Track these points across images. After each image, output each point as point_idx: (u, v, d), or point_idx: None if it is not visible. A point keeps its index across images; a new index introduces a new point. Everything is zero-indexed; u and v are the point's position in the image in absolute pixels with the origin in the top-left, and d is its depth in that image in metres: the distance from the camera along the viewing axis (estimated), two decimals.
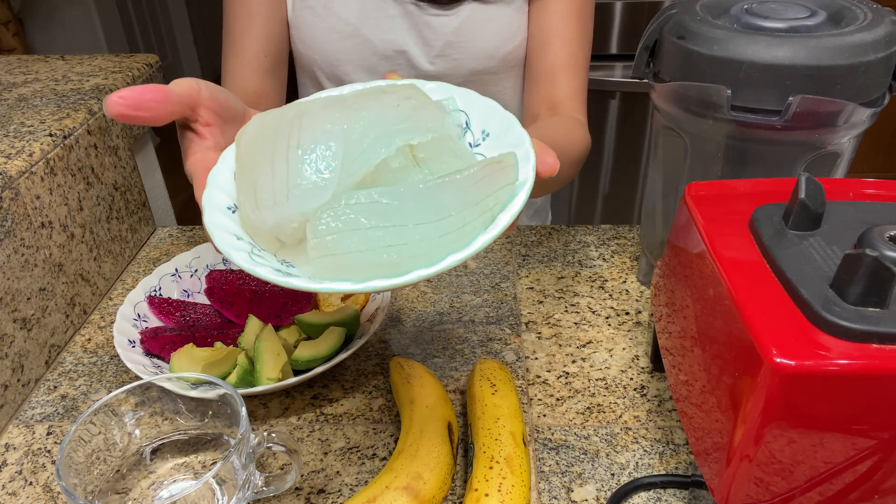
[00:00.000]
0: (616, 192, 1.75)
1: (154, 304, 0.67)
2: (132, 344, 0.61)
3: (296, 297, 0.68)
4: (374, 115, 0.37)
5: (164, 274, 0.69)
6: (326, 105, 0.38)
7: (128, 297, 0.65)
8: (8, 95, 0.78)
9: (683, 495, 0.52)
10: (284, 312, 0.67)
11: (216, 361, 0.59)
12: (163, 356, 0.62)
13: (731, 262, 0.42)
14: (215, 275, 0.71)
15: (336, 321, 0.63)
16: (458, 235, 0.34)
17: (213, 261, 0.72)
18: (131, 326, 0.63)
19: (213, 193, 0.38)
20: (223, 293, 0.68)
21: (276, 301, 0.68)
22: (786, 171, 0.57)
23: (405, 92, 0.39)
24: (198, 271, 0.71)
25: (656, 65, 0.62)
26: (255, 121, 0.39)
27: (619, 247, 0.80)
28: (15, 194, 0.62)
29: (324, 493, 0.52)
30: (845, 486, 0.39)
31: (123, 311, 0.64)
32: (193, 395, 0.51)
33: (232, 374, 0.59)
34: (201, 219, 0.38)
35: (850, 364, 0.35)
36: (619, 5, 1.51)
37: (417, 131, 0.36)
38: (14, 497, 0.53)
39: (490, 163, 0.36)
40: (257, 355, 0.59)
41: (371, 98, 0.38)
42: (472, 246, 0.34)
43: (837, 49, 0.52)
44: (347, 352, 0.60)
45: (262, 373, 0.58)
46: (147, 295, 0.67)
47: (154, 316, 0.67)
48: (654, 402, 0.60)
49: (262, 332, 0.61)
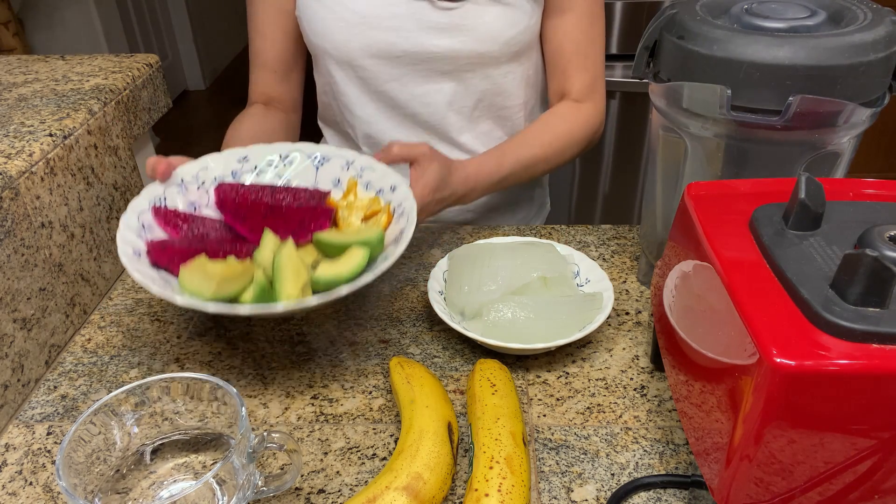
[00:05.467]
0: (616, 192, 1.74)
1: (159, 215, 0.62)
2: (137, 254, 0.57)
3: (315, 213, 0.64)
4: (527, 257, 0.67)
5: (169, 184, 0.65)
6: (505, 249, 0.68)
7: (131, 204, 0.61)
8: (8, 95, 0.78)
9: (683, 495, 0.52)
10: (302, 230, 0.63)
11: (231, 277, 0.54)
12: (171, 269, 0.57)
13: (731, 262, 0.42)
14: (225, 188, 0.66)
15: (359, 241, 0.59)
16: (562, 329, 0.62)
17: (222, 173, 0.68)
18: (136, 237, 0.59)
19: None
20: (235, 206, 0.64)
21: (293, 217, 0.63)
22: (786, 171, 0.57)
23: (546, 248, 0.69)
24: (205, 184, 0.66)
25: (656, 65, 0.62)
26: (463, 248, 0.70)
27: (619, 247, 0.80)
28: (15, 194, 0.62)
29: (324, 493, 0.52)
30: (845, 486, 0.39)
31: (127, 220, 0.60)
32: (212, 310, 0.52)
33: (248, 291, 0.55)
34: None
35: (850, 364, 0.35)
36: (619, 5, 1.51)
37: (550, 270, 0.66)
38: (14, 497, 0.53)
39: (587, 296, 0.64)
40: (276, 271, 0.55)
41: (528, 249, 0.69)
42: (568, 338, 0.61)
43: (837, 49, 0.52)
44: (372, 274, 0.55)
45: (281, 290, 0.54)
46: (152, 205, 0.62)
47: (159, 227, 0.62)
48: (654, 402, 0.60)
49: (283, 246, 0.57)
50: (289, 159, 0.70)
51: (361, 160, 0.69)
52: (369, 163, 0.69)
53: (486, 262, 0.67)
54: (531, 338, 0.61)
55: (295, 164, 0.70)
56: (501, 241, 0.72)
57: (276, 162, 0.70)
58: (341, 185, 0.69)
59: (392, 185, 0.66)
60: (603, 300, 0.64)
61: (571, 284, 0.67)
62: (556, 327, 0.62)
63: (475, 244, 0.71)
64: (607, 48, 1.56)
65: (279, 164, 0.70)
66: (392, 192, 0.66)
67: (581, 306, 0.63)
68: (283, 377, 0.63)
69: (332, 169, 0.70)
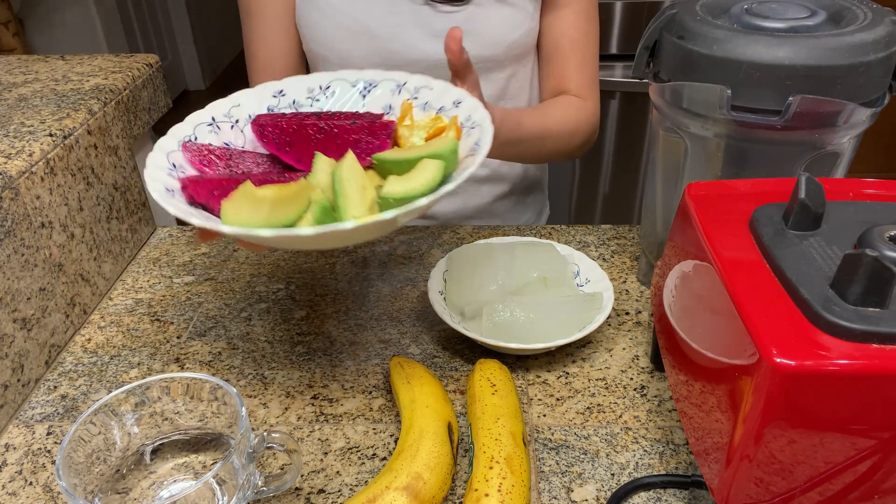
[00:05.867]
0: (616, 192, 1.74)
1: (191, 151, 0.54)
2: (171, 192, 0.50)
3: (372, 131, 0.56)
4: (527, 257, 0.67)
5: (199, 122, 0.57)
6: (505, 249, 0.67)
7: (158, 143, 0.53)
8: (8, 95, 0.78)
9: (683, 495, 0.52)
10: (358, 151, 0.55)
11: (284, 200, 0.47)
12: (211, 205, 0.50)
13: (731, 262, 0.42)
14: (264, 119, 0.59)
15: (430, 153, 0.52)
16: (562, 329, 0.62)
17: (256, 109, 0.61)
18: (167, 175, 0.51)
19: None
20: (279, 132, 0.56)
21: (346, 138, 0.56)
22: (786, 171, 0.57)
23: (546, 248, 0.69)
24: (238, 122, 0.59)
25: (656, 65, 0.62)
26: (463, 248, 0.69)
27: (619, 247, 0.80)
28: (15, 194, 0.62)
29: (324, 493, 0.52)
30: (845, 486, 0.39)
31: (155, 158, 0.52)
32: None
33: (307, 215, 0.47)
34: None
35: (850, 364, 0.35)
36: (619, 5, 1.51)
37: (550, 270, 0.66)
38: (14, 497, 0.53)
39: (587, 296, 0.65)
40: (339, 188, 0.48)
41: (528, 249, 0.68)
42: (568, 338, 0.61)
43: (837, 49, 0.52)
44: (453, 183, 0.47)
45: (345, 209, 0.47)
46: (181, 142, 0.55)
47: (192, 166, 0.54)
48: (654, 402, 0.60)
49: (344, 161, 0.50)
50: (330, 90, 0.63)
51: (414, 80, 0.62)
52: (424, 81, 0.61)
53: (486, 262, 0.66)
54: (531, 338, 0.61)
55: (337, 94, 0.63)
56: (501, 241, 0.72)
57: (317, 93, 0.63)
58: (394, 112, 0.62)
59: (456, 99, 0.59)
60: (603, 300, 0.64)
61: (571, 284, 0.67)
62: (556, 327, 0.62)
63: (475, 244, 0.71)
64: (607, 48, 1.57)
65: (319, 94, 0.62)
66: (457, 107, 0.59)
67: (581, 306, 0.63)
68: (283, 377, 0.63)
69: (382, 95, 0.63)
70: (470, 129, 0.55)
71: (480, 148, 0.50)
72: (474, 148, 0.52)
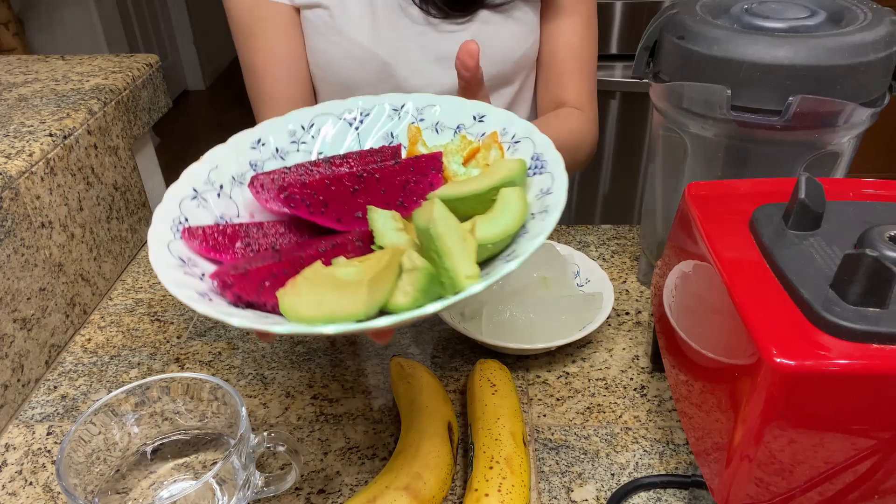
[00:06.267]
0: (616, 192, 1.74)
1: (195, 238, 0.45)
2: (205, 297, 0.40)
3: (420, 168, 0.48)
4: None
5: (181, 198, 0.47)
6: None
7: (152, 236, 0.44)
8: (8, 95, 0.78)
9: (683, 495, 0.52)
10: (407, 196, 0.47)
11: (371, 276, 0.38)
12: (262, 301, 0.41)
13: (731, 262, 0.42)
14: (266, 179, 0.48)
15: (502, 181, 0.44)
16: (563, 329, 0.62)
17: (238, 168, 0.51)
18: (185, 274, 0.42)
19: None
20: (308, 192, 0.45)
21: (392, 182, 0.47)
22: (786, 171, 0.57)
23: (546, 248, 0.67)
24: (223, 188, 0.50)
25: (656, 65, 0.62)
26: None
27: (619, 247, 0.80)
28: (15, 194, 0.62)
29: (324, 493, 0.52)
30: (845, 486, 0.39)
31: (160, 257, 0.43)
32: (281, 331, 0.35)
33: (407, 288, 0.38)
34: None
35: (850, 364, 0.35)
36: (619, 5, 1.51)
37: (550, 270, 0.66)
38: (14, 497, 0.53)
39: (587, 296, 0.65)
40: (439, 247, 0.38)
41: None
42: (568, 338, 0.61)
43: (837, 49, 0.52)
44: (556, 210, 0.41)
45: (456, 270, 0.38)
46: (177, 230, 0.46)
47: (201, 257, 0.45)
48: (654, 402, 0.60)
49: (433, 212, 0.40)
50: (314, 128, 0.54)
51: (413, 100, 0.54)
52: (425, 99, 0.54)
53: None
54: (531, 338, 0.61)
55: (324, 131, 0.54)
56: None
57: (301, 134, 0.54)
58: (398, 140, 0.54)
59: (476, 113, 0.52)
60: (603, 300, 0.64)
61: (571, 284, 0.67)
62: (556, 327, 0.62)
63: None
64: (607, 48, 1.57)
65: (304, 135, 0.54)
66: (480, 121, 0.51)
67: (581, 306, 0.63)
68: (283, 377, 0.63)
69: (379, 123, 0.54)
70: (514, 143, 0.49)
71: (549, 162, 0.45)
72: (537, 163, 0.47)
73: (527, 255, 0.38)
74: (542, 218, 0.42)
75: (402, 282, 0.39)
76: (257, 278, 0.41)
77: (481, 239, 0.41)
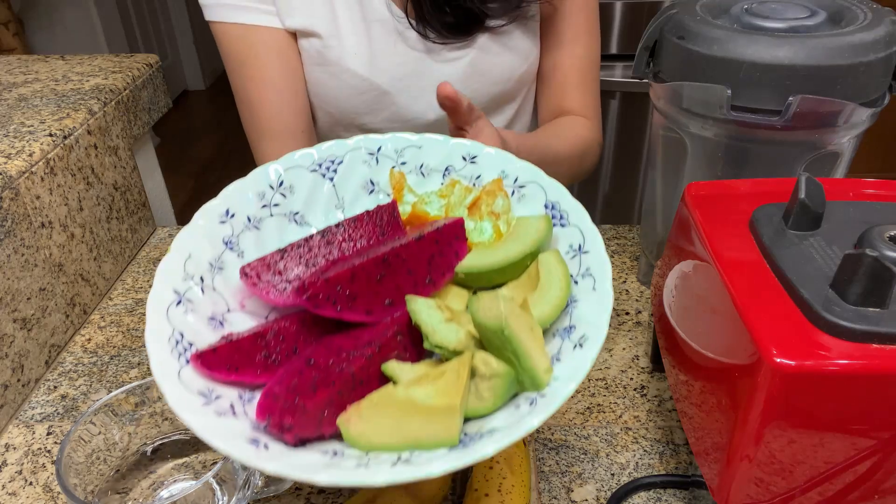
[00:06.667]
0: (616, 192, 1.74)
1: (207, 364, 0.39)
2: (258, 444, 0.35)
3: (443, 239, 0.44)
4: None
5: (167, 306, 0.41)
6: None
7: (157, 371, 0.38)
8: (8, 95, 0.78)
9: (683, 495, 0.52)
10: (434, 270, 0.44)
11: (461, 398, 0.35)
12: (322, 433, 0.37)
13: (731, 262, 0.42)
14: (260, 267, 0.45)
15: (535, 246, 0.42)
16: None
17: (213, 252, 0.45)
18: (219, 417, 0.37)
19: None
20: (330, 288, 0.41)
21: (419, 260, 0.43)
22: (786, 171, 0.57)
23: None
24: (205, 280, 0.44)
25: (656, 65, 0.62)
26: None
27: (619, 247, 0.80)
28: (15, 194, 0.62)
29: (324, 494, 0.52)
30: (845, 486, 0.39)
31: (178, 398, 0.37)
32: None
33: (485, 394, 0.36)
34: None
35: (850, 364, 0.35)
36: (619, 5, 1.51)
37: None
38: (14, 497, 0.53)
39: None
40: (515, 345, 0.36)
41: None
42: None
43: (837, 49, 0.52)
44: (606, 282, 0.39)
45: (535, 369, 0.36)
46: (183, 356, 0.40)
47: (219, 382, 0.40)
48: (654, 402, 0.60)
49: (496, 304, 0.37)
50: (284, 186, 0.49)
51: (391, 141, 0.49)
52: (404, 140, 0.49)
53: None
54: None
55: (298, 188, 0.49)
56: None
57: (272, 195, 0.48)
58: (379, 189, 0.50)
59: (466, 154, 0.48)
60: None
61: None
62: None
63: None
64: (607, 48, 1.57)
65: (276, 197, 0.48)
66: (472, 162, 0.48)
67: None
68: None
69: (355, 171, 0.50)
70: (519, 189, 0.46)
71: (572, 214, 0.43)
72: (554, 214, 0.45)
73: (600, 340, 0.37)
74: (591, 284, 0.41)
75: (476, 386, 0.37)
76: (316, 411, 0.37)
77: (539, 320, 0.39)
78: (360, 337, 0.41)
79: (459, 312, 0.41)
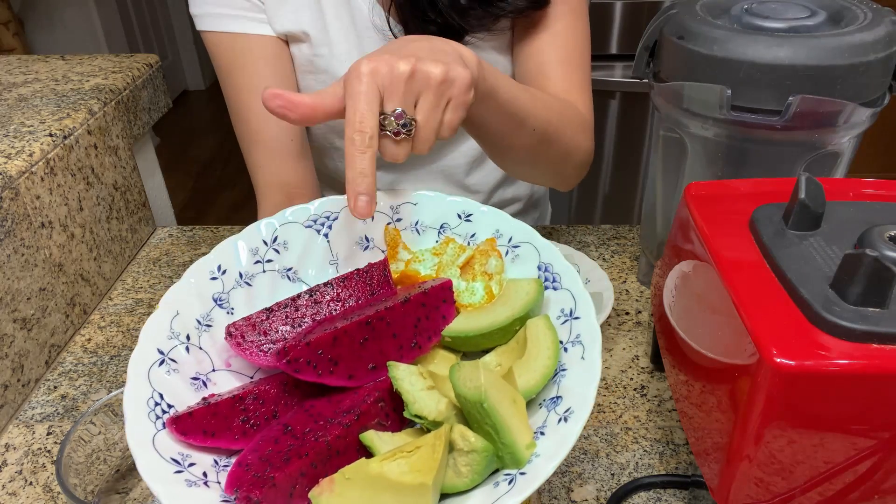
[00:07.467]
0: (616, 192, 1.74)
1: (183, 429, 0.39)
2: None
3: (430, 302, 0.44)
4: None
5: (148, 367, 0.41)
6: None
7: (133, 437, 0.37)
8: (8, 95, 0.78)
9: (683, 495, 0.52)
10: (421, 334, 0.43)
11: (434, 475, 0.34)
12: None
13: (731, 262, 0.42)
14: (245, 327, 0.44)
15: (524, 310, 0.42)
16: None
17: (202, 309, 0.45)
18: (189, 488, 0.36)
19: None
20: (312, 352, 0.40)
21: (403, 324, 0.43)
22: (786, 171, 0.57)
23: None
24: (190, 339, 0.43)
25: (656, 65, 0.62)
26: None
27: (619, 247, 0.80)
28: (15, 194, 0.62)
29: None
30: (845, 486, 0.39)
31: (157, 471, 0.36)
32: None
33: (463, 469, 0.36)
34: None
35: (850, 364, 0.35)
36: (619, 5, 1.51)
37: None
38: (14, 497, 0.53)
39: None
40: (494, 419, 0.35)
41: None
42: None
43: (837, 49, 0.52)
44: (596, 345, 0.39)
45: (515, 444, 0.36)
46: (157, 415, 0.39)
47: (195, 448, 0.39)
48: (654, 402, 0.60)
49: (476, 375, 0.36)
50: (278, 241, 0.48)
51: (386, 197, 0.49)
52: (401, 196, 0.49)
53: None
54: None
55: (293, 244, 0.48)
56: None
57: (265, 251, 0.47)
58: (374, 245, 0.49)
59: (461, 211, 0.47)
60: (603, 300, 0.64)
61: None
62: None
63: None
64: (607, 48, 1.57)
65: (269, 252, 0.48)
66: (467, 220, 0.47)
67: None
68: None
69: (350, 227, 0.49)
70: (512, 249, 0.45)
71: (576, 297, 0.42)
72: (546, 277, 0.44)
73: (586, 414, 0.37)
74: (580, 353, 0.40)
75: (455, 460, 0.36)
76: (286, 485, 0.36)
77: (525, 390, 0.39)
78: (342, 402, 0.41)
79: (443, 379, 0.40)
